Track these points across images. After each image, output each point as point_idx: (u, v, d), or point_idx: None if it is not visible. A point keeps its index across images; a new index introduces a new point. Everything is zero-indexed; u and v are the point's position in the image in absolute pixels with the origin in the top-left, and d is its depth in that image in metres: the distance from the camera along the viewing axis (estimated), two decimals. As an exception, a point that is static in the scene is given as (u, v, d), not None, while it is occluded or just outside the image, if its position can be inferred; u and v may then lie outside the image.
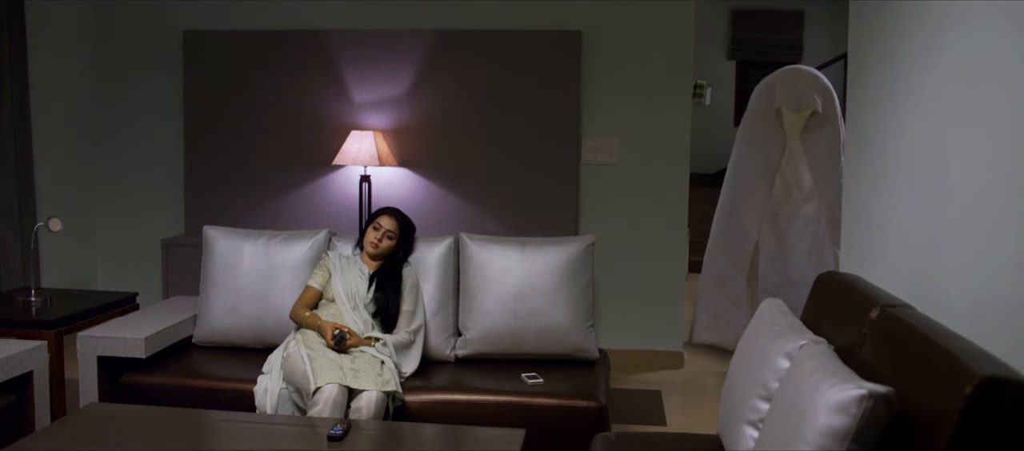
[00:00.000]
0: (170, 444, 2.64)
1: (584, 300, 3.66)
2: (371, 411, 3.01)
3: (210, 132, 5.54)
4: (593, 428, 3.10)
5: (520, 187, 5.29)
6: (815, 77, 5.27)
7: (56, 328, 3.68)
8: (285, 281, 3.70)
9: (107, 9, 5.66)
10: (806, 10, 10.37)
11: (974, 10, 2.39)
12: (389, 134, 5.37)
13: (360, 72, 5.38)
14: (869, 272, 3.13)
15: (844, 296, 2.50)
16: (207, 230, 3.88)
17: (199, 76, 5.53)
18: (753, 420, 2.22)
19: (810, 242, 5.43)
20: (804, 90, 5.17)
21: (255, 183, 5.52)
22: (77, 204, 5.62)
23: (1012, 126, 2.14)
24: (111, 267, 5.83)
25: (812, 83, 5.19)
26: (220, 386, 3.32)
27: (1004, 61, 2.20)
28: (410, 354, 3.48)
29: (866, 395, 1.69)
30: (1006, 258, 2.15)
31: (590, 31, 5.25)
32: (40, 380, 3.41)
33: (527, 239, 3.79)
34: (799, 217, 5.49)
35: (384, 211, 3.71)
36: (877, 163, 3.22)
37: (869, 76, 3.36)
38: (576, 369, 3.56)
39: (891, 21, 3.10)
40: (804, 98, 5.14)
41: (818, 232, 5.39)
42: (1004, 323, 2.14)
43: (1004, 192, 2.17)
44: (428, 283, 3.68)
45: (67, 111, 5.52)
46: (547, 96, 5.23)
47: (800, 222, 5.48)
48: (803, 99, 5.14)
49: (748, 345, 2.46)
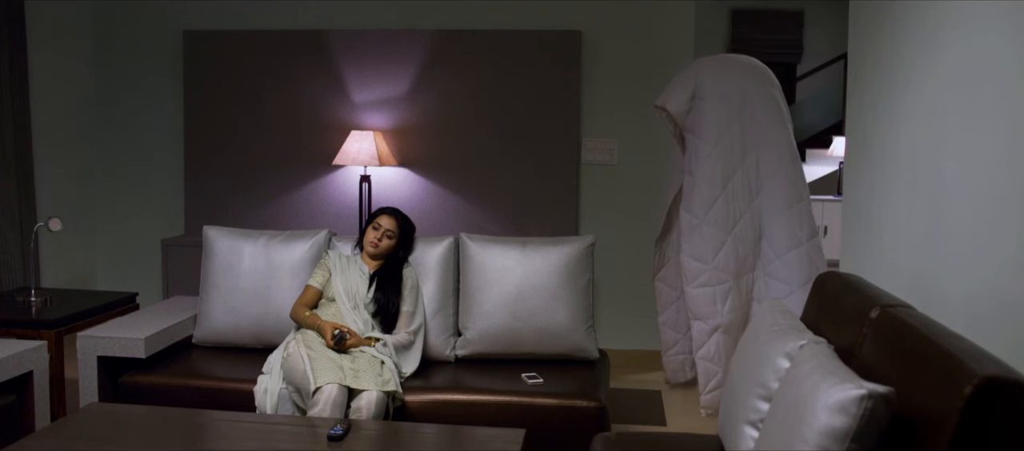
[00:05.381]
0: (170, 444, 2.64)
1: (584, 300, 3.66)
2: (371, 411, 3.01)
3: (210, 132, 5.54)
4: (593, 428, 3.10)
5: (520, 187, 5.30)
6: (684, 70, 4.48)
7: (56, 328, 3.68)
8: (285, 281, 3.70)
9: (107, 9, 5.66)
10: (806, 10, 10.37)
11: (973, 11, 2.39)
12: (389, 134, 5.37)
13: (360, 72, 5.38)
14: (869, 272, 3.13)
15: (844, 296, 2.50)
16: (207, 230, 3.88)
17: (199, 76, 5.53)
18: (753, 420, 2.22)
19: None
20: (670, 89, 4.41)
21: (255, 183, 5.52)
22: (77, 204, 5.62)
23: (1012, 126, 2.14)
24: (111, 267, 5.83)
25: (679, 78, 4.42)
26: (220, 386, 3.32)
27: (1004, 62, 2.20)
28: (410, 354, 3.48)
29: (866, 395, 1.69)
30: (1006, 258, 2.15)
31: (590, 31, 5.25)
32: (40, 380, 3.41)
33: (527, 239, 3.79)
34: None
35: (384, 211, 3.71)
36: (877, 163, 3.22)
37: (869, 76, 3.36)
38: (576, 369, 3.56)
39: (891, 22, 3.10)
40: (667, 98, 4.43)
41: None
42: (1004, 323, 2.14)
43: (1004, 192, 2.17)
44: (428, 283, 3.68)
45: (67, 111, 5.52)
46: (547, 96, 5.24)
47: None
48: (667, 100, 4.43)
49: (748, 345, 2.46)
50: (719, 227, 4.13)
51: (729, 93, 4.16)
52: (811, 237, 4.14)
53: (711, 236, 4.12)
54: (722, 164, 4.13)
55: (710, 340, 4.14)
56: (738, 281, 4.17)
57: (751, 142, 4.15)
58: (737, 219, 4.15)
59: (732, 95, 4.16)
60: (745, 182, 4.15)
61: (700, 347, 4.17)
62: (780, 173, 4.13)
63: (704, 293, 4.13)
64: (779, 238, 4.12)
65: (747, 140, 4.15)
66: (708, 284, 4.13)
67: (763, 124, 4.16)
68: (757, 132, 4.15)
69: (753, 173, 4.16)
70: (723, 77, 4.22)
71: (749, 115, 4.15)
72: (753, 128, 4.15)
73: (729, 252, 4.14)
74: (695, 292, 4.16)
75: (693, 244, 4.15)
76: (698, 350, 4.18)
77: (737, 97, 4.16)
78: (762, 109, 4.16)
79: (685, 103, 4.21)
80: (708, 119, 4.14)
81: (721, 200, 4.14)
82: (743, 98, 4.16)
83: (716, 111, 4.13)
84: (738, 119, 4.14)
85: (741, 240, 4.16)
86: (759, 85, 4.22)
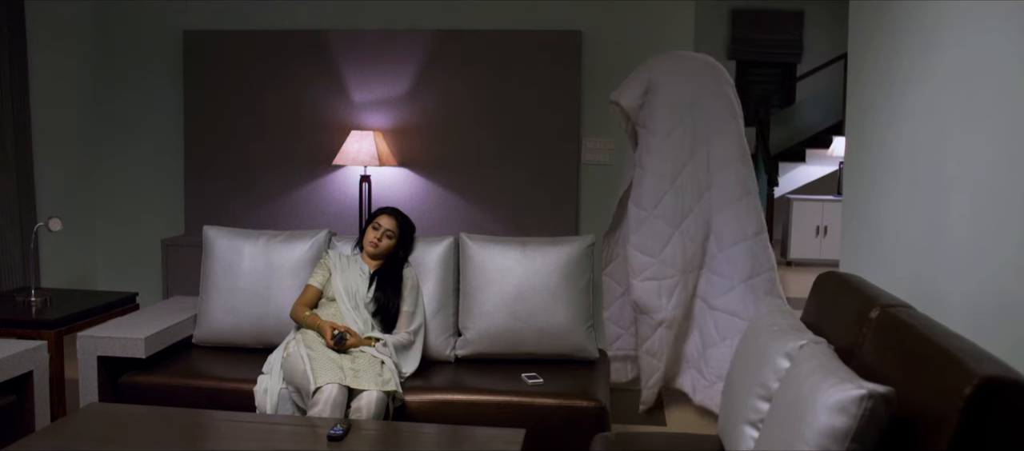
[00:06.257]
0: (170, 444, 2.64)
1: (584, 300, 3.66)
2: (371, 411, 3.01)
3: (210, 132, 5.54)
4: (593, 428, 3.10)
5: (520, 187, 5.30)
6: (640, 66, 4.42)
7: (56, 328, 3.68)
8: (285, 281, 3.70)
9: (107, 9, 5.66)
10: (806, 10, 10.37)
11: (973, 10, 2.39)
12: (389, 134, 5.37)
13: (360, 72, 5.38)
14: (869, 272, 3.13)
15: (844, 296, 2.50)
16: (207, 230, 3.88)
17: (199, 76, 5.53)
18: (753, 420, 2.22)
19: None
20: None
21: (255, 183, 5.53)
22: (77, 204, 5.62)
23: (1011, 126, 2.14)
24: (111, 267, 5.83)
25: (634, 74, 4.38)
26: (220, 386, 3.32)
27: (1003, 61, 2.20)
28: (410, 354, 3.48)
29: (866, 395, 1.69)
30: (1006, 258, 2.15)
31: (590, 31, 5.25)
32: (40, 380, 3.41)
33: (527, 239, 3.79)
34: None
35: (384, 211, 3.71)
36: (877, 163, 3.22)
37: (869, 76, 3.37)
38: (576, 369, 3.56)
39: (891, 22, 3.11)
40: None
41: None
42: (1004, 323, 2.14)
43: (1004, 192, 2.17)
44: (428, 283, 3.68)
45: (67, 111, 5.52)
46: (547, 96, 5.24)
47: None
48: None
49: (748, 345, 2.46)
50: (667, 221, 4.12)
51: (681, 89, 4.15)
52: (757, 233, 4.09)
53: (659, 230, 4.11)
54: (672, 158, 4.12)
55: (654, 335, 4.14)
56: (685, 277, 4.14)
57: (702, 137, 4.14)
58: (686, 214, 4.13)
59: (684, 90, 4.15)
60: (695, 177, 4.14)
61: (644, 341, 4.17)
62: (729, 168, 4.10)
63: (650, 286, 4.12)
64: (725, 233, 4.09)
65: (698, 135, 4.14)
66: (654, 278, 4.12)
67: (714, 120, 4.14)
68: (708, 127, 4.14)
69: (703, 168, 4.14)
70: (675, 73, 4.21)
71: (701, 110, 4.14)
72: (704, 123, 4.14)
73: (676, 247, 4.12)
74: (641, 285, 4.14)
75: (641, 237, 4.14)
76: (642, 344, 4.18)
77: (689, 92, 4.15)
78: (714, 105, 4.15)
79: (638, 98, 4.21)
80: (659, 114, 4.14)
81: (670, 194, 4.12)
82: (695, 94, 4.15)
83: (668, 106, 4.13)
84: (689, 114, 4.13)
85: (689, 235, 4.14)
86: (712, 81, 4.20)
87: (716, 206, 4.12)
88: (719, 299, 4.12)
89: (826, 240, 9.16)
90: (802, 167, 10.21)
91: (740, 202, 4.10)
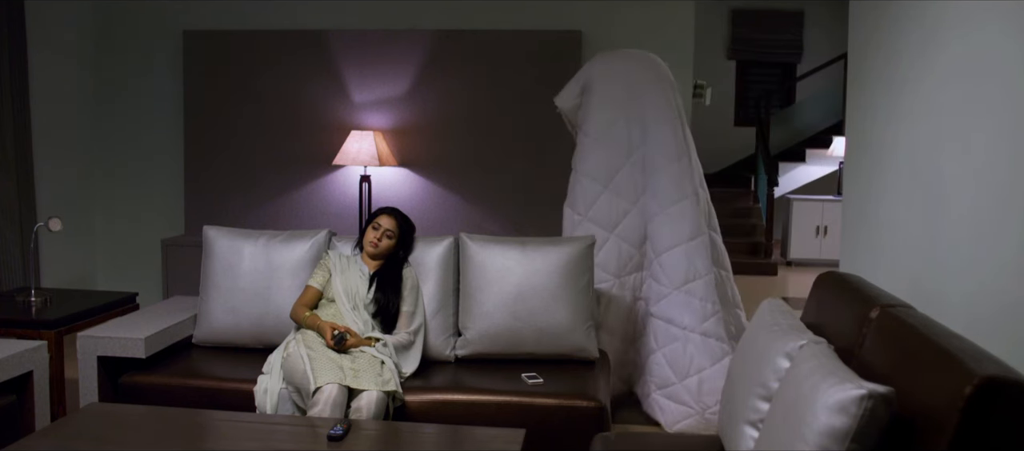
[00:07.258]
0: (170, 444, 2.64)
1: (584, 300, 3.66)
2: (371, 411, 3.01)
3: (210, 132, 5.54)
4: (593, 428, 3.10)
5: (520, 187, 5.29)
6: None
7: (56, 328, 3.68)
8: (285, 281, 3.70)
9: (107, 9, 5.66)
10: (806, 10, 10.38)
11: (972, 10, 2.39)
12: (389, 134, 5.37)
13: (360, 72, 5.38)
14: (869, 272, 3.13)
15: (844, 296, 2.50)
16: (207, 230, 3.88)
17: (199, 76, 5.53)
18: (753, 420, 2.22)
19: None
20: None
21: (255, 183, 5.53)
22: (77, 204, 5.62)
23: (1011, 126, 2.14)
24: (111, 267, 5.83)
25: (575, 75, 4.38)
26: (220, 386, 3.32)
27: (1003, 60, 2.20)
28: (410, 354, 3.48)
29: (866, 395, 1.69)
30: (1006, 258, 2.15)
31: (590, 31, 5.25)
32: (40, 380, 3.41)
33: (527, 239, 3.79)
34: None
35: (383, 211, 3.71)
36: (877, 163, 3.22)
37: (869, 76, 3.37)
38: (576, 369, 3.56)
39: (890, 21, 3.11)
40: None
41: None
42: (1004, 323, 2.14)
43: (1004, 192, 2.17)
44: (428, 283, 3.68)
45: (67, 111, 5.52)
46: (547, 96, 5.22)
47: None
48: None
49: (748, 345, 2.46)
50: (601, 225, 4.05)
51: (615, 89, 4.06)
52: (692, 237, 3.98)
53: (593, 234, 3.98)
54: (606, 160, 4.05)
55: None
56: (620, 280, 4.08)
57: (637, 139, 4.06)
58: (621, 217, 4.06)
59: (618, 91, 4.06)
60: (631, 179, 4.06)
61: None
62: (663, 171, 4.03)
63: None
64: (659, 237, 4.03)
65: (633, 137, 4.06)
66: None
67: (650, 121, 4.06)
68: (644, 129, 4.06)
69: (639, 170, 4.07)
70: (611, 72, 4.12)
71: (636, 111, 4.05)
72: (640, 125, 4.06)
73: (610, 251, 4.05)
74: None
75: None
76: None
77: (623, 93, 4.06)
78: (650, 106, 4.06)
79: (574, 99, 4.15)
80: (593, 115, 4.08)
81: (604, 197, 4.06)
82: (630, 94, 4.06)
83: (602, 106, 4.06)
84: (624, 115, 4.05)
85: (625, 239, 4.06)
86: (649, 81, 4.11)
87: (651, 210, 4.05)
88: (656, 306, 4.06)
89: (826, 240, 9.17)
90: (802, 167, 10.22)
91: (674, 206, 4.01)
